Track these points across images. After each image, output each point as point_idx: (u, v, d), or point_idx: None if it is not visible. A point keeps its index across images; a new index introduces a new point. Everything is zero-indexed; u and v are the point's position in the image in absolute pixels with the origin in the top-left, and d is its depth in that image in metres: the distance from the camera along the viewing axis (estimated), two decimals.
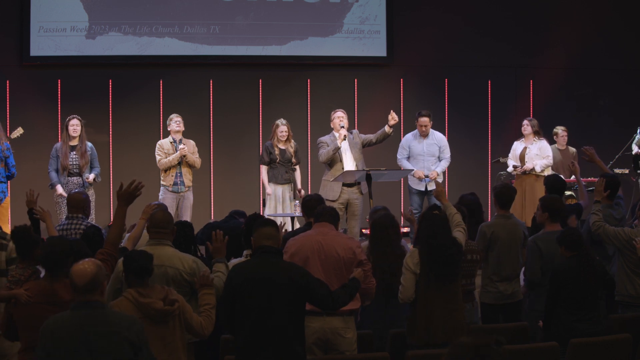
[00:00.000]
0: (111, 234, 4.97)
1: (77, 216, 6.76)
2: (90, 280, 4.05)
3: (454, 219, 5.79)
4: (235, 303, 4.70)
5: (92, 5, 11.54)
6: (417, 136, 10.04)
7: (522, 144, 10.35)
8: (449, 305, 5.47)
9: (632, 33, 12.86)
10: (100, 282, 4.09)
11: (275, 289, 4.65)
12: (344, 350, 5.45)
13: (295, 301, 4.70)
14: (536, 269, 6.43)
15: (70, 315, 4.07)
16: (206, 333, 4.84)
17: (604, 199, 6.86)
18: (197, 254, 5.98)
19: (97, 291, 4.07)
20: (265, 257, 4.77)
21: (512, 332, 5.90)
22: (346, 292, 4.99)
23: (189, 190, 9.74)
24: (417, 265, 5.53)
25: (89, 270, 4.08)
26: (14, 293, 4.93)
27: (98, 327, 4.01)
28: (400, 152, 10.09)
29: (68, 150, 9.49)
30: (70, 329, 4.02)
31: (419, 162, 9.93)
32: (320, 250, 5.51)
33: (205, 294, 4.93)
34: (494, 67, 12.65)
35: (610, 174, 7.55)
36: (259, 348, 4.63)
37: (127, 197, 4.98)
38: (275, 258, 4.80)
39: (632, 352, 5.63)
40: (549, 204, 6.61)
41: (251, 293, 4.65)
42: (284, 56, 12.10)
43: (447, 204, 5.90)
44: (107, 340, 3.99)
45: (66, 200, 7.10)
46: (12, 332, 4.99)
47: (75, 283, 4.06)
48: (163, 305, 4.60)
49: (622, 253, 6.49)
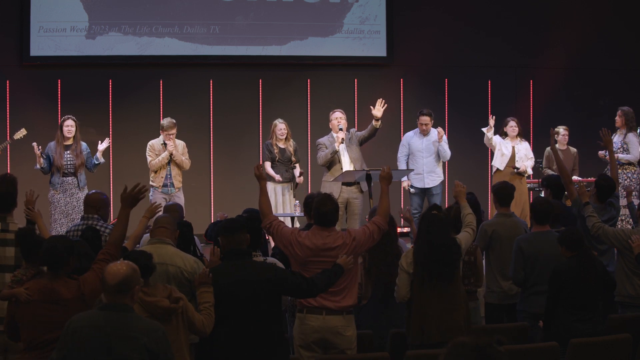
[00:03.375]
0: (113, 235, 5.00)
1: (92, 216, 6.48)
2: (121, 281, 4.07)
3: (466, 219, 5.88)
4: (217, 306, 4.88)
5: (92, 5, 11.54)
6: (418, 133, 10.05)
7: (508, 143, 10.30)
8: (445, 306, 5.47)
9: (632, 33, 12.86)
10: (131, 285, 4.11)
11: (253, 289, 4.87)
12: (344, 348, 5.45)
13: (273, 298, 4.94)
14: (517, 270, 6.40)
15: (95, 315, 4.10)
16: (207, 331, 4.88)
17: (594, 200, 6.92)
18: (198, 254, 5.99)
19: (127, 294, 4.10)
20: (238, 259, 5.00)
21: (512, 332, 5.90)
22: (325, 276, 5.13)
23: (179, 190, 9.69)
24: (410, 265, 5.54)
25: (122, 271, 4.10)
26: (14, 292, 4.93)
27: (119, 330, 4.03)
28: (401, 150, 10.10)
29: (62, 150, 9.42)
30: (92, 327, 4.05)
31: (418, 160, 9.92)
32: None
33: (204, 292, 4.95)
34: (494, 67, 12.65)
35: (603, 175, 7.53)
36: (240, 348, 4.80)
37: (131, 200, 5.00)
38: (246, 259, 5.03)
39: (632, 352, 5.63)
40: (536, 206, 6.59)
41: (230, 295, 4.86)
42: (284, 56, 12.10)
43: (464, 204, 5.97)
44: (125, 344, 4.01)
45: (84, 200, 6.89)
46: (15, 331, 4.99)
47: (107, 282, 4.09)
48: (169, 303, 4.63)
49: (622, 253, 6.49)
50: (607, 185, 7.06)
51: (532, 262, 6.31)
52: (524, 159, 10.24)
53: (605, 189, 7.04)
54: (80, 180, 9.42)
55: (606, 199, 7.06)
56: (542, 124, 12.03)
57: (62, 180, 9.36)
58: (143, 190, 5.04)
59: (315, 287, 5.09)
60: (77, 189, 9.28)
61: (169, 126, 9.55)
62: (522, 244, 6.40)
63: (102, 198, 6.64)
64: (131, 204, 5.01)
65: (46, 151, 9.44)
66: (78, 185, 9.38)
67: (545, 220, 6.48)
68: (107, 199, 6.76)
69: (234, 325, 4.80)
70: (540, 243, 6.32)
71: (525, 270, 6.34)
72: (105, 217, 6.59)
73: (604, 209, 7.01)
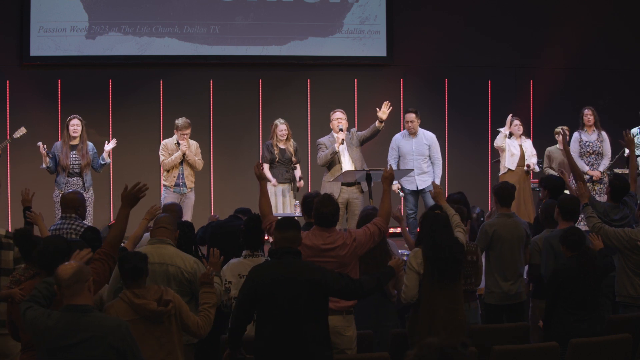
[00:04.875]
0: (110, 235, 4.95)
1: (71, 216, 6.74)
2: (73, 274, 4.02)
3: (453, 219, 5.81)
4: (256, 303, 4.73)
5: (92, 5, 11.54)
6: (406, 135, 9.93)
7: (515, 142, 10.31)
8: (451, 305, 5.49)
9: (632, 33, 12.86)
10: (83, 281, 4.05)
11: (297, 289, 4.69)
12: (344, 348, 5.45)
13: (318, 299, 4.75)
14: (550, 266, 6.35)
15: (58, 317, 4.05)
16: (202, 333, 4.83)
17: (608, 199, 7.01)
18: (198, 254, 5.99)
19: (82, 291, 4.05)
20: (285, 257, 4.81)
21: (512, 332, 5.90)
22: (373, 278, 5.04)
23: (191, 191, 9.72)
24: (420, 265, 5.54)
25: (73, 265, 4.08)
26: (9, 292, 4.94)
27: (82, 332, 3.99)
28: (390, 153, 9.96)
29: (68, 150, 9.42)
30: (57, 332, 4.01)
31: (408, 162, 9.81)
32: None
33: (205, 292, 4.94)
34: (494, 67, 12.65)
35: (617, 175, 7.58)
36: (283, 348, 4.65)
37: (131, 198, 4.96)
38: (295, 258, 4.84)
39: (632, 352, 5.64)
40: (564, 203, 6.58)
41: (274, 294, 4.69)
42: (284, 56, 12.10)
43: (445, 205, 5.92)
44: (91, 345, 3.98)
45: (60, 200, 7.07)
46: (15, 331, 5.00)
47: (60, 278, 4.04)
48: (156, 306, 4.60)
49: (623, 254, 6.48)
50: (621, 185, 7.08)
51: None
52: (530, 156, 10.26)
53: (618, 189, 7.05)
54: (86, 181, 9.43)
55: (620, 199, 7.06)
56: (542, 124, 12.05)
57: (68, 180, 9.37)
58: (144, 189, 5.01)
59: (362, 289, 4.95)
60: (82, 189, 9.26)
61: (183, 126, 9.57)
62: (552, 241, 6.40)
63: (79, 197, 6.94)
64: (131, 203, 4.98)
65: (52, 150, 9.45)
66: (84, 186, 9.37)
67: (571, 217, 6.50)
68: (83, 198, 7.12)
69: (276, 324, 4.67)
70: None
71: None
72: (82, 216, 6.89)
73: (616, 208, 7.03)
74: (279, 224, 4.97)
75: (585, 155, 10.13)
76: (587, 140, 10.17)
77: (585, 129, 10.21)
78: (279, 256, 4.82)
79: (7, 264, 6.00)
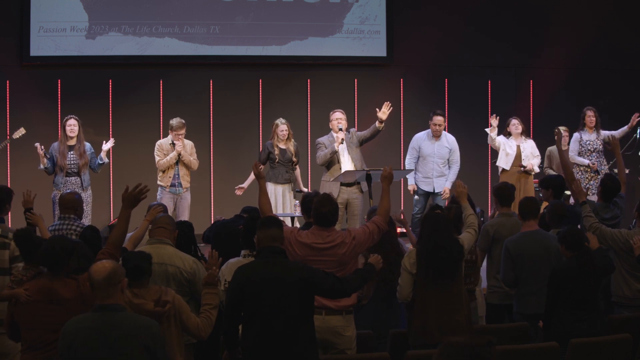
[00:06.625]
0: (113, 235, 4.97)
1: (69, 217, 6.75)
2: (106, 277, 4.08)
3: (468, 219, 5.89)
4: (242, 304, 4.70)
5: (92, 5, 11.54)
6: (430, 136, 9.90)
7: (512, 142, 10.28)
8: (447, 306, 5.46)
9: (632, 33, 12.86)
10: (117, 281, 4.11)
11: (284, 288, 4.65)
12: (344, 348, 5.44)
13: (305, 299, 4.72)
14: (507, 271, 6.37)
15: (89, 317, 4.11)
16: (203, 334, 4.81)
17: (598, 199, 7.04)
18: (198, 254, 5.98)
19: (114, 292, 4.11)
20: (271, 257, 4.77)
21: (512, 332, 5.90)
22: (357, 275, 5.03)
23: (186, 191, 9.71)
24: (413, 265, 5.55)
25: (107, 266, 4.13)
26: (13, 292, 4.94)
27: (115, 331, 4.04)
28: (410, 153, 9.94)
29: (66, 150, 9.42)
30: (89, 331, 4.05)
31: (428, 164, 9.81)
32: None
33: (208, 293, 4.92)
34: (494, 67, 12.65)
35: (609, 175, 7.58)
36: (269, 348, 4.63)
37: (132, 200, 4.97)
38: (281, 258, 4.80)
39: (632, 352, 5.63)
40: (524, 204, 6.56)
41: (260, 293, 4.66)
42: (284, 56, 12.10)
43: (465, 205, 5.97)
44: (124, 344, 4.02)
45: (58, 200, 7.08)
46: (15, 332, 4.99)
47: (93, 279, 4.09)
48: (154, 306, 4.60)
49: (619, 255, 6.47)
50: (612, 185, 7.09)
51: (520, 262, 6.30)
52: (530, 157, 10.20)
53: (610, 189, 7.06)
54: (84, 181, 9.42)
55: (611, 199, 7.08)
56: (542, 124, 12.04)
57: (66, 180, 9.35)
58: (145, 191, 5.01)
59: (349, 287, 4.94)
60: (80, 189, 9.27)
61: (178, 126, 9.56)
62: (510, 245, 6.38)
63: (77, 198, 6.97)
64: (132, 204, 4.98)
65: (50, 151, 9.44)
66: (82, 185, 9.37)
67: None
68: (81, 199, 7.17)
69: (262, 324, 4.64)
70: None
71: (515, 271, 6.32)
72: (80, 216, 6.93)
73: (607, 207, 7.04)
74: (262, 222, 4.93)
75: (586, 154, 10.18)
76: (587, 140, 10.20)
77: (586, 129, 10.22)
78: (265, 256, 4.78)
79: (3, 263, 6.03)
